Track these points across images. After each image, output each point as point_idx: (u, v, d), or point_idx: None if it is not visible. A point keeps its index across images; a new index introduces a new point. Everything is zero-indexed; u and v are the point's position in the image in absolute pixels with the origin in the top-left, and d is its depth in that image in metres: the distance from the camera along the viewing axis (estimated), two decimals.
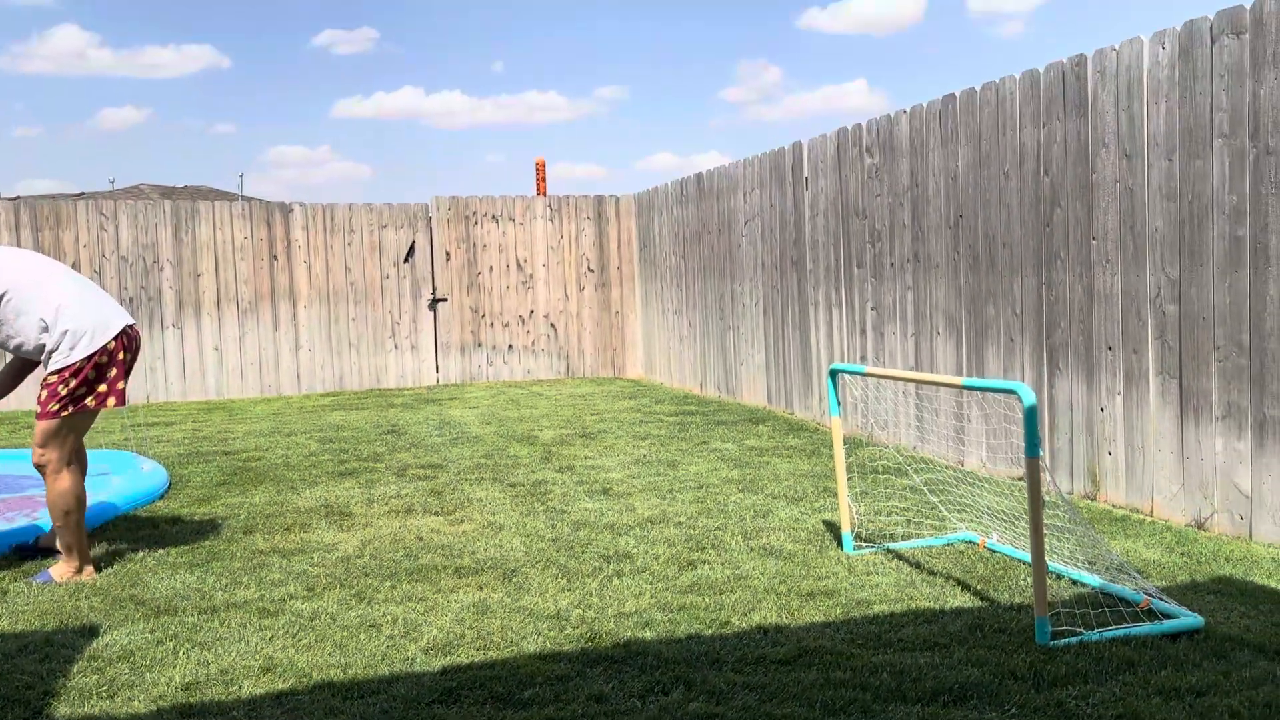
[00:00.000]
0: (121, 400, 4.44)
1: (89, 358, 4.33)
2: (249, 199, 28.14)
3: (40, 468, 4.38)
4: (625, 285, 12.54)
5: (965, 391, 6.35)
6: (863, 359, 7.56)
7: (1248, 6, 4.48)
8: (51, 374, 4.34)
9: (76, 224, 10.75)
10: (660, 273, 11.60)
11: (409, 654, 3.40)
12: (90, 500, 5.35)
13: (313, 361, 11.53)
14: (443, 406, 9.90)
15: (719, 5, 48.24)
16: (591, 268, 12.47)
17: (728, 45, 50.44)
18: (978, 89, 6.23)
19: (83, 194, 32.20)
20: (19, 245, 10.50)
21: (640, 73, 50.01)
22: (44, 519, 5.03)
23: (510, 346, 12.23)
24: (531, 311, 12.29)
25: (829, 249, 8.01)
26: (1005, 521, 4.77)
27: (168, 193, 29.54)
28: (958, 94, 6.42)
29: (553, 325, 12.37)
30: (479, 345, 12.12)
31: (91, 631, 3.70)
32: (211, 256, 11.16)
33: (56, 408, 4.31)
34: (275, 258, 11.38)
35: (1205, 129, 4.71)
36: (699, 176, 10.41)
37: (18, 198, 14.96)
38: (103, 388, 4.40)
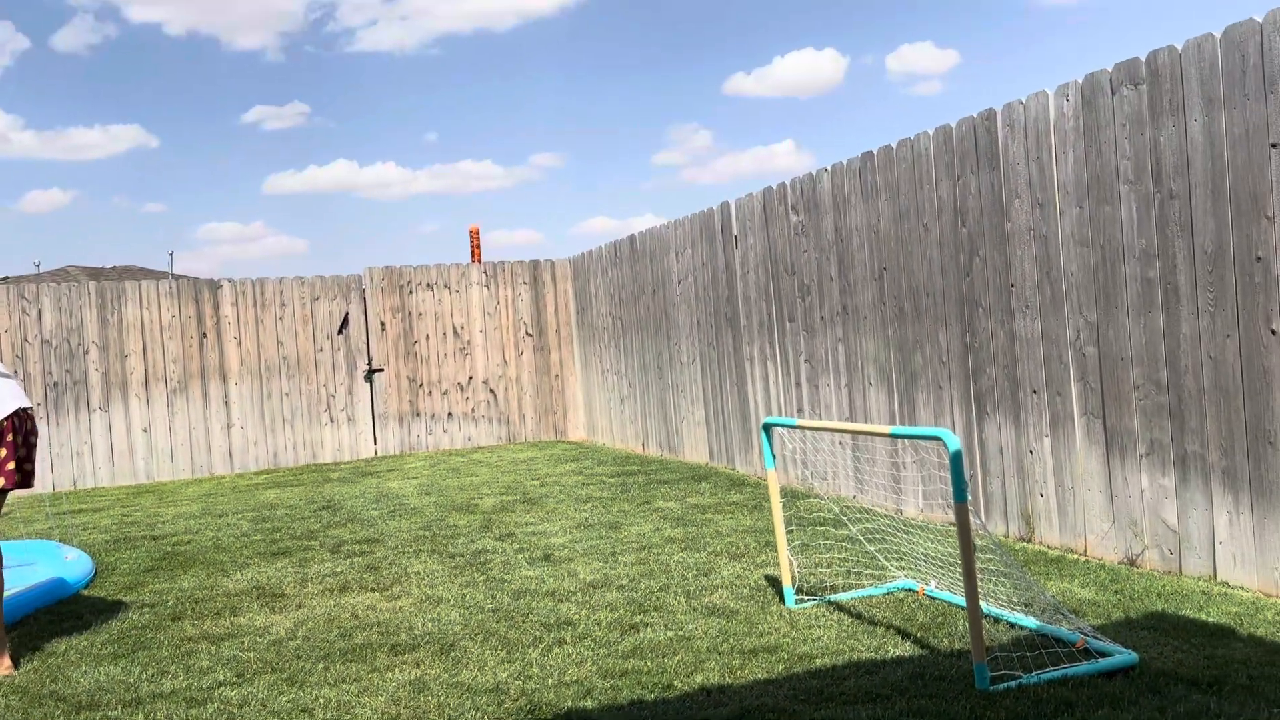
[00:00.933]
0: (11, 481, 4.27)
1: None
2: (179, 277, 27.72)
3: None
4: (564, 348, 12.54)
5: (899, 440, 6.42)
6: (799, 411, 7.62)
7: (1143, 59, 4.70)
8: None
9: None
10: (598, 334, 11.64)
11: None
12: (10, 592, 5.13)
13: (245, 439, 11.29)
14: (381, 479, 9.74)
15: (648, 72, 49.23)
16: (529, 332, 12.46)
17: (658, 111, 51.40)
18: (894, 146, 6.41)
19: (6, 278, 31.44)
20: None
21: (574, 139, 50.62)
22: None
23: (450, 414, 12.11)
24: (470, 378, 12.21)
25: (761, 305, 8.11)
26: (943, 567, 4.80)
27: (95, 274, 28.98)
28: (875, 151, 6.59)
29: (492, 391, 12.30)
30: (417, 415, 11.99)
31: None
32: (139, 337, 10.94)
33: None
34: (204, 335, 11.18)
35: (1112, 176, 4.89)
36: (632, 238, 10.52)
37: None
38: None
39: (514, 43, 48.79)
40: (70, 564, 5.93)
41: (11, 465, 4.29)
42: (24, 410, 4.39)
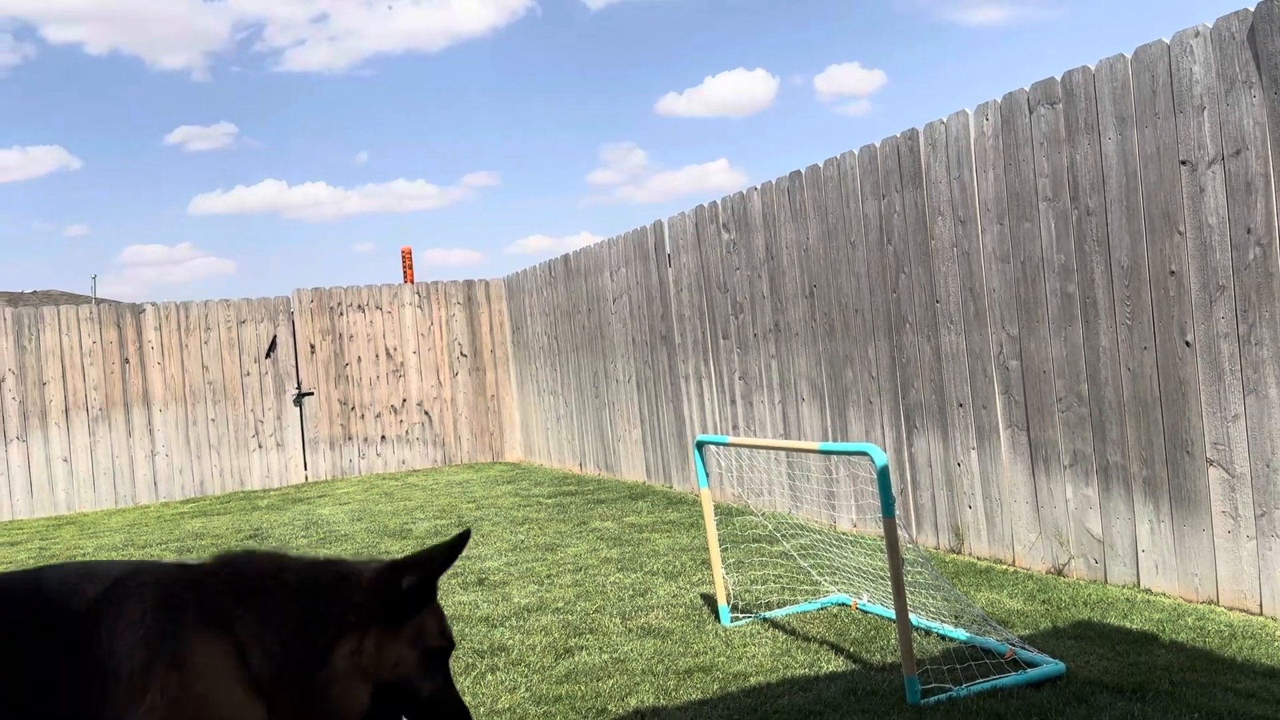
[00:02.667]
0: None
1: None
2: (102, 301, 27.02)
3: None
4: (500, 368, 12.44)
5: (832, 457, 6.47)
6: (734, 428, 7.65)
7: (1059, 78, 4.82)
8: None
9: None
10: (534, 354, 11.57)
11: None
12: None
13: (170, 467, 10.98)
14: (311, 505, 9.54)
15: (581, 92, 49.48)
16: (464, 352, 12.34)
17: (592, 130, 51.63)
18: (821, 165, 6.49)
19: None
20: None
21: (509, 159, 50.62)
22: None
23: (383, 437, 11.92)
24: (404, 400, 12.04)
25: (695, 322, 8.13)
26: (875, 581, 4.83)
27: (14, 299, 28.08)
28: (803, 170, 6.67)
29: (426, 413, 12.14)
30: (349, 438, 11.78)
31: None
32: (58, 363, 10.59)
33: None
34: (127, 360, 10.87)
35: (1031, 193, 5.00)
36: (566, 257, 10.49)
37: None
38: None
39: (445, 63, 48.62)
40: None
41: None
42: None
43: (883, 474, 3.41)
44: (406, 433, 12.03)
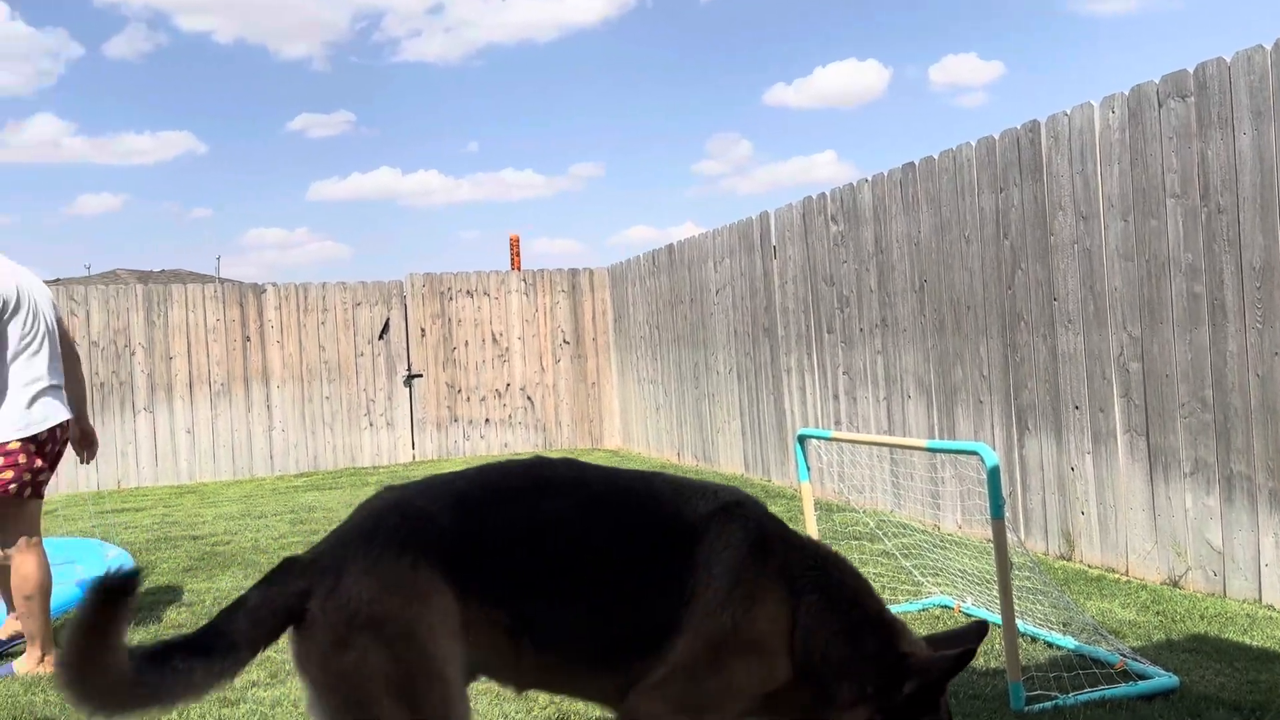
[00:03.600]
0: (9, 493, 4.27)
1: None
2: (226, 281, 28.21)
3: None
4: (601, 356, 12.56)
5: (938, 454, 6.35)
6: (837, 423, 7.56)
7: (1191, 71, 4.62)
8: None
9: None
10: (635, 343, 11.64)
11: None
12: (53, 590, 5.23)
13: (286, 442, 11.43)
14: None
15: (689, 83, 49.35)
16: (567, 340, 12.50)
17: (699, 121, 51.49)
18: (936, 157, 6.36)
19: (57, 280, 32.12)
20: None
21: (615, 149, 50.89)
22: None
23: (487, 420, 12.17)
24: (508, 385, 12.26)
25: (799, 315, 8.06)
26: (980, 584, 4.73)
27: (144, 277, 29.53)
28: (917, 162, 6.54)
29: (529, 398, 12.34)
30: (455, 420, 12.06)
31: None
32: (184, 339, 11.12)
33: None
34: (248, 338, 11.34)
35: (1158, 189, 4.80)
36: (670, 248, 10.52)
37: None
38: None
39: (556, 54, 49.10)
40: (111, 563, 6.03)
41: (27, 477, 4.29)
42: (65, 425, 4.47)
43: (993, 474, 3.34)
44: (509, 416, 12.25)
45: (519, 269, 13.08)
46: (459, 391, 12.09)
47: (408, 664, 1.82)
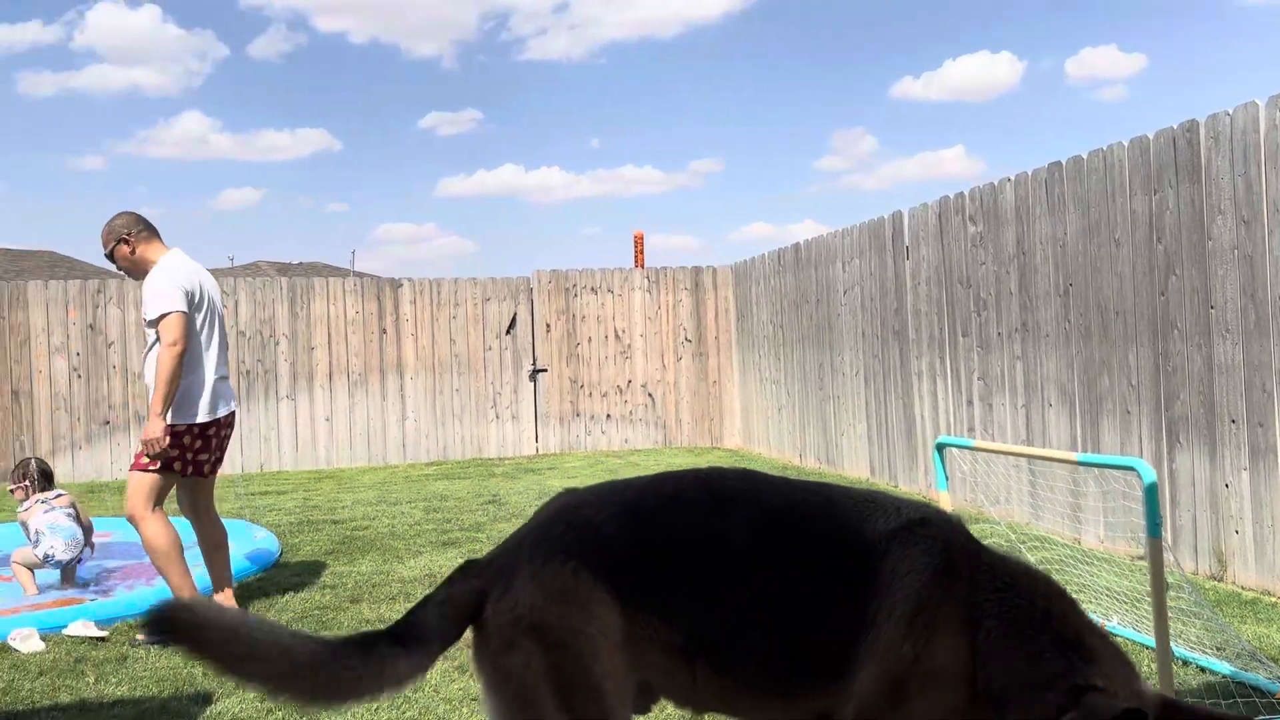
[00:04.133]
0: (185, 472, 4.71)
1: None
2: (360, 274, 29.25)
3: (131, 519, 4.65)
4: (722, 354, 12.54)
5: (1081, 466, 6.11)
6: (970, 431, 7.37)
7: None
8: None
9: None
10: (758, 342, 11.58)
11: None
12: (202, 570, 5.55)
13: (418, 431, 11.80)
14: (542, 476, 9.99)
15: (812, 76, 48.66)
16: (689, 337, 12.52)
17: (821, 115, 50.73)
18: (1084, 156, 6.12)
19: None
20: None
21: (734, 145, 50.60)
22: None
23: (608, 416, 12.30)
24: (629, 381, 12.37)
25: (932, 318, 7.88)
26: (1127, 603, 4.55)
27: (284, 269, 30.87)
28: (1064, 161, 6.31)
29: (650, 394, 12.42)
30: (577, 415, 12.24)
31: (205, 699, 3.80)
32: (325, 330, 11.60)
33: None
34: (384, 331, 11.75)
35: None
36: (797, 246, 10.42)
37: None
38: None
39: (678, 49, 49.20)
40: (259, 543, 6.34)
41: (201, 457, 4.75)
42: (230, 415, 4.85)
43: (1150, 491, 3.21)
44: (630, 413, 12.36)
45: (642, 266, 13.16)
46: (581, 387, 12.25)
47: (566, 672, 1.85)
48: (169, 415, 4.58)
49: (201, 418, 4.67)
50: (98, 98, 47.80)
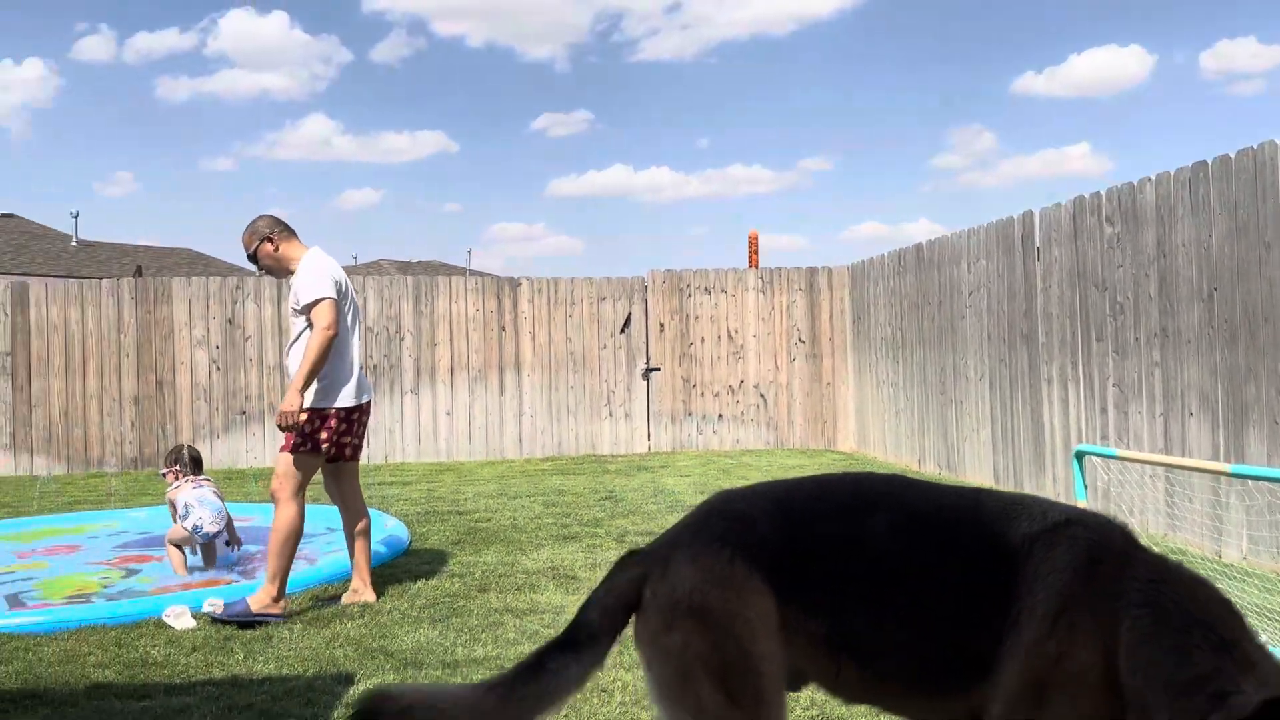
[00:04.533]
0: (319, 452, 4.92)
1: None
2: (475, 273, 29.91)
3: (274, 496, 4.89)
4: (837, 356, 12.40)
5: (1223, 477, 5.85)
6: (1103, 439, 7.12)
7: None
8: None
9: None
10: (875, 344, 11.41)
11: None
12: (340, 553, 5.77)
13: (534, 427, 12.01)
14: (656, 474, 10.05)
15: (929, 72, 47.56)
16: (802, 338, 12.42)
17: (938, 112, 49.54)
18: (1232, 155, 5.85)
19: None
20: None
21: (846, 143, 49.83)
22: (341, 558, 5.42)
23: (720, 416, 12.30)
24: (741, 381, 12.34)
25: (1063, 321, 7.64)
26: (1275, 621, 4.33)
27: (404, 268, 31.80)
28: (1210, 161, 6.04)
29: (762, 395, 12.37)
30: (689, 414, 12.27)
31: (347, 680, 3.95)
32: (447, 327, 11.92)
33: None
34: (503, 328, 12.01)
35: None
36: (918, 247, 10.23)
37: None
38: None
39: (790, 47, 48.71)
40: (390, 531, 6.56)
41: (344, 440, 5.00)
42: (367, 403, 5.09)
43: None
44: (742, 413, 12.33)
45: (756, 266, 13.11)
46: (694, 386, 12.28)
47: (724, 653, 1.91)
48: (318, 400, 4.82)
49: (348, 402, 4.91)
50: (229, 101, 50.06)
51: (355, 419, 5.00)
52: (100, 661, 4.21)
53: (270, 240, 5.03)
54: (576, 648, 1.95)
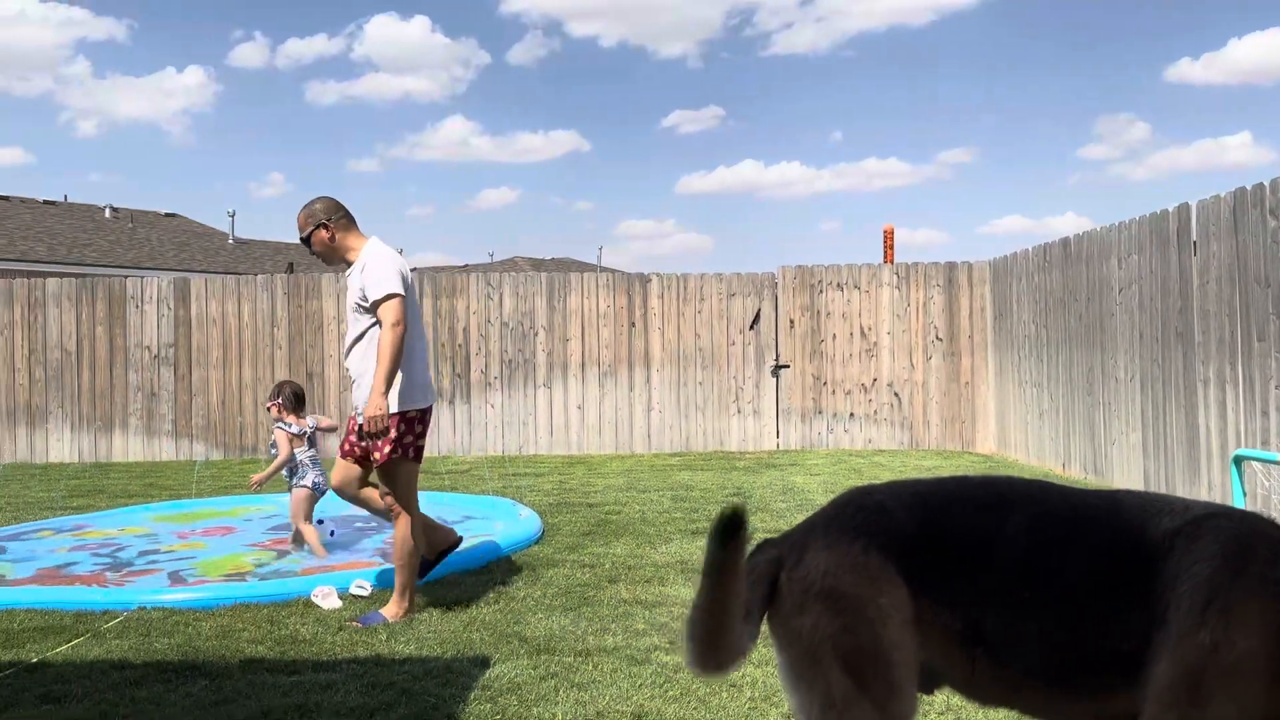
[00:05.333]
0: (388, 459, 4.69)
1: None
2: (606, 270, 30.28)
3: (392, 511, 4.81)
4: (976, 354, 12.02)
5: None
6: (1264, 443, 6.69)
7: None
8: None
9: (468, 293, 12.13)
10: (1017, 343, 11.01)
11: (769, 718, 3.42)
12: (475, 542, 5.94)
13: (662, 422, 12.08)
14: (784, 472, 9.96)
15: (1076, 61, 45.53)
16: (939, 336, 12.09)
17: (1086, 101, 47.36)
18: None
19: (466, 266, 36.26)
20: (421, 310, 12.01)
21: (988, 134, 48.18)
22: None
23: (851, 415, 12.09)
24: (874, 380, 12.10)
25: (1222, 320, 7.21)
26: None
27: (538, 265, 32.46)
28: None
29: (896, 394, 12.10)
30: (819, 412, 12.11)
31: (483, 663, 4.07)
32: (579, 323, 12.11)
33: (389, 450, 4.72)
34: (633, 324, 12.11)
35: None
36: (1065, 241, 9.82)
37: (414, 269, 17.04)
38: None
39: (929, 39, 47.43)
40: (524, 522, 6.72)
41: (421, 442, 4.81)
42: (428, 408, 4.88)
43: None
44: (874, 412, 12.09)
45: (891, 262, 12.83)
46: (824, 384, 12.12)
47: (855, 637, 1.92)
48: (401, 404, 4.65)
49: (423, 403, 4.77)
50: (373, 104, 52.07)
51: (429, 418, 4.83)
52: (253, 637, 4.45)
53: (325, 227, 4.81)
54: (745, 618, 1.98)
